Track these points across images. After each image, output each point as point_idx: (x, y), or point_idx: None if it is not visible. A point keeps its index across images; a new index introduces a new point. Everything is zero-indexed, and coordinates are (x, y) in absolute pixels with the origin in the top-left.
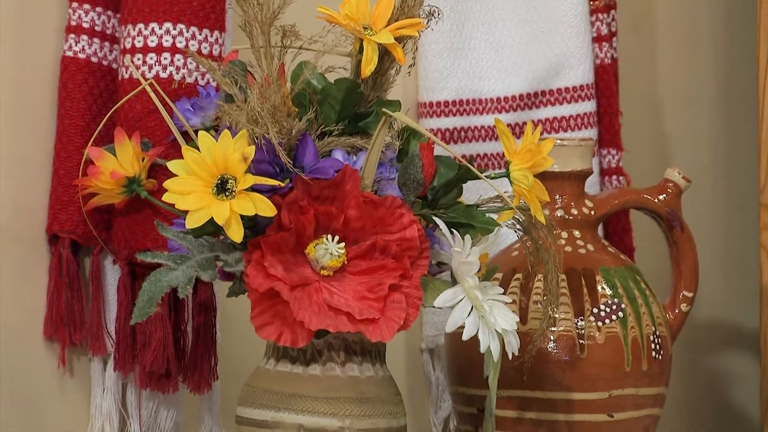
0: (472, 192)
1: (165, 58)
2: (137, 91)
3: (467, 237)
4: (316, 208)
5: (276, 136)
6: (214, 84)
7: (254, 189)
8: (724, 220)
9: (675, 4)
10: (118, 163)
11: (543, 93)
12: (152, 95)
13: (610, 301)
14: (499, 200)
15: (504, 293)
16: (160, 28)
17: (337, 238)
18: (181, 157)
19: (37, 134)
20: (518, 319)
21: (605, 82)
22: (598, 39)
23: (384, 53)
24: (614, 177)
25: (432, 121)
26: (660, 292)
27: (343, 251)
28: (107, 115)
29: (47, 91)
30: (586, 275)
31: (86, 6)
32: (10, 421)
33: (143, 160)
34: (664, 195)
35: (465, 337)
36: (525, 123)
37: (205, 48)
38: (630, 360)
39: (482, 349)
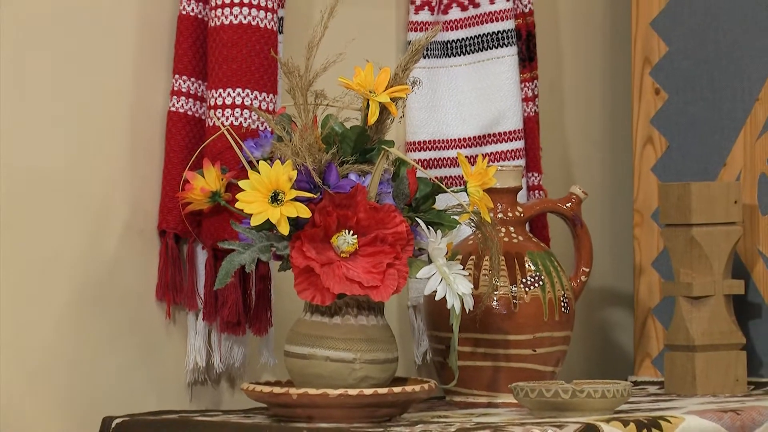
0: (442, 201)
1: (237, 112)
2: (218, 134)
3: (438, 231)
4: (337, 212)
5: (311, 164)
6: (269, 129)
7: (296, 199)
8: (609, 219)
9: (577, 75)
10: (205, 182)
11: (489, 135)
12: (228, 137)
13: (533, 275)
14: (459, 207)
15: (463, 269)
16: (234, 92)
17: (351, 232)
18: (247, 178)
19: (152, 162)
20: (473, 286)
21: (530, 128)
22: (525, 99)
23: (383, 109)
24: (536, 191)
25: (415, 154)
26: (567, 267)
27: (355, 241)
28: (198, 150)
29: (158, 132)
30: (517, 257)
31: (185, 77)
32: (137, 356)
33: (222, 180)
34: (570, 203)
35: (437, 297)
36: (477, 156)
37: (263, 105)
38: (547, 313)
39: (448, 306)
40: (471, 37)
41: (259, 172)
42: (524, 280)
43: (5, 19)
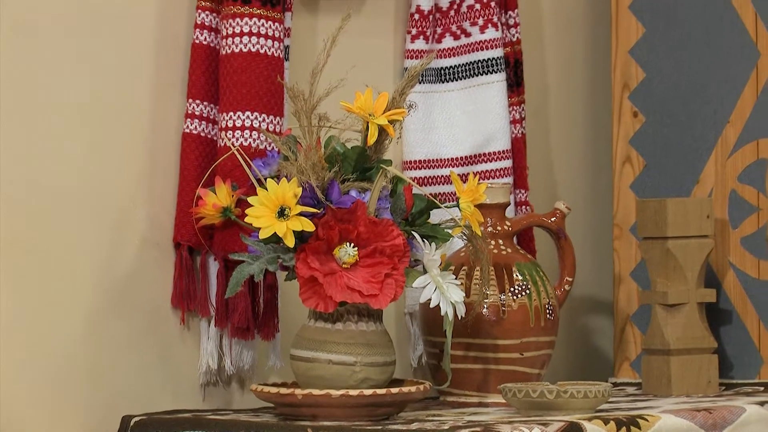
0: (436, 216)
1: (246, 134)
2: (229, 153)
3: (433, 244)
4: (339, 226)
5: (315, 182)
6: (276, 149)
7: (301, 214)
8: (591, 233)
9: (561, 99)
10: (217, 198)
11: (479, 155)
12: (238, 156)
13: (521, 284)
14: (452, 221)
15: (455, 278)
16: (243, 115)
17: (352, 244)
18: (256, 194)
19: (167, 180)
20: (464, 295)
21: (518, 148)
22: (513, 122)
23: (381, 130)
24: (523, 207)
25: (411, 173)
26: (552, 277)
27: (356, 253)
28: (211, 169)
29: (174, 152)
30: (506, 267)
31: (198, 101)
32: (154, 359)
33: (233, 196)
34: (554, 218)
35: (432, 305)
36: (468, 174)
37: (271, 127)
38: (533, 319)
39: (442, 313)
40: (463, 64)
41: (266, 189)
42: (512, 289)
43: (30, 45)
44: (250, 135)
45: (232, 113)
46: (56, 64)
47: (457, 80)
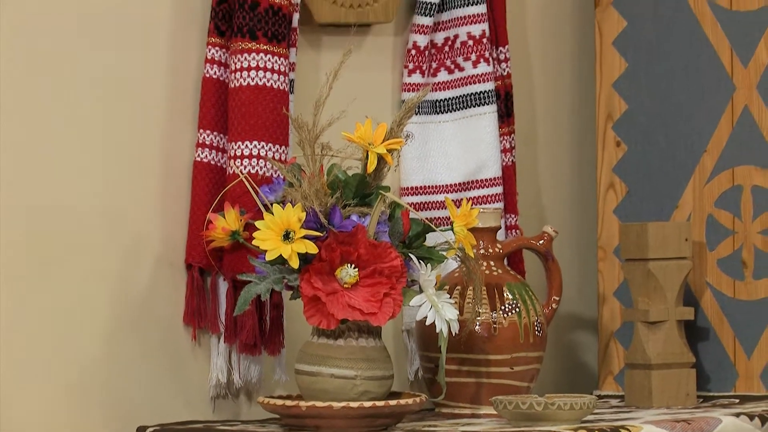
0: (431, 239)
1: (253, 162)
2: (237, 180)
3: (429, 265)
4: (341, 249)
5: (318, 207)
6: (282, 176)
7: (305, 237)
8: (577, 255)
9: (549, 129)
10: (226, 222)
11: (473, 182)
12: (246, 183)
13: (511, 302)
14: (447, 244)
15: (450, 297)
16: (251, 144)
17: (353, 265)
18: (263, 219)
19: (180, 205)
20: (458, 313)
21: (508, 175)
22: (504, 150)
23: (380, 159)
24: (513, 230)
25: (408, 198)
26: (540, 296)
27: (356, 273)
28: (220, 195)
29: (186, 179)
30: (497, 287)
31: (208, 131)
32: (167, 373)
33: (241, 221)
34: (542, 241)
35: (427, 322)
36: (462, 199)
37: (277, 155)
38: (523, 335)
39: (437, 330)
40: (456, 96)
41: (272, 214)
42: (503, 308)
43: (51, 75)
44: (257, 163)
45: (240, 143)
46: (77, 96)
47: (451, 112)
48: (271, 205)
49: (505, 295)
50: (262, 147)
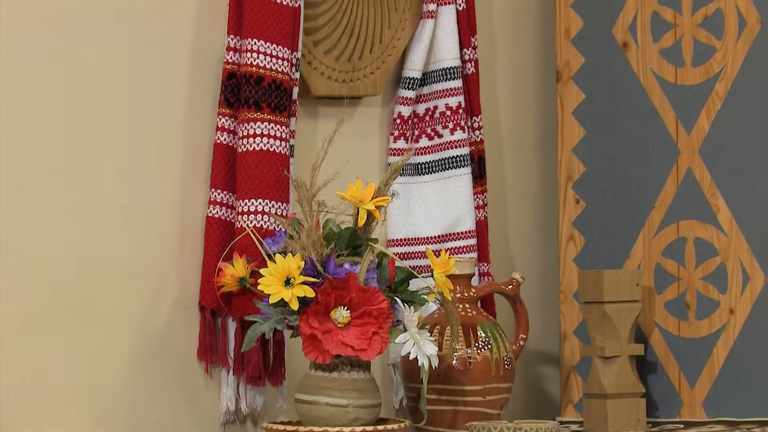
0: (414, 284)
1: (258, 217)
2: (244, 233)
3: (412, 307)
4: (335, 293)
5: (315, 257)
6: (283, 230)
7: (304, 283)
8: (541, 298)
9: (516, 189)
10: (235, 270)
11: (450, 234)
12: (252, 235)
13: (484, 340)
14: (428, 289)
15: (430, 336)
16: (256, 202)
17: (346, 308)
18: (266, 267)
19: (194, 255)
20: (438, 349)
21: (481, 229)
22: (477, 207)
23: (369, 214)
24: (486, 277)
25: (394, 249)
26: (509, 334)
27: (348, 315)
28: (229, 246)
29: (199, 233)
30: (471, 327)
31: (219, 190)
32: (183, 402)
33: (248, 268)
34: (511, 286)
35: (411, 357)
36: (441, 250)
37: (279, 211)
38: (494, 369)
39: (419, 364)
40: (436, 160)
41: (275, 263)
42: (477, 344)
43: (79, 132)
44: (262, 218)
45: (247, 200)
46: (105, 156)
47: (431, 173)
48: (274, 254)
49: (478, 333)
50: (266, 204)
